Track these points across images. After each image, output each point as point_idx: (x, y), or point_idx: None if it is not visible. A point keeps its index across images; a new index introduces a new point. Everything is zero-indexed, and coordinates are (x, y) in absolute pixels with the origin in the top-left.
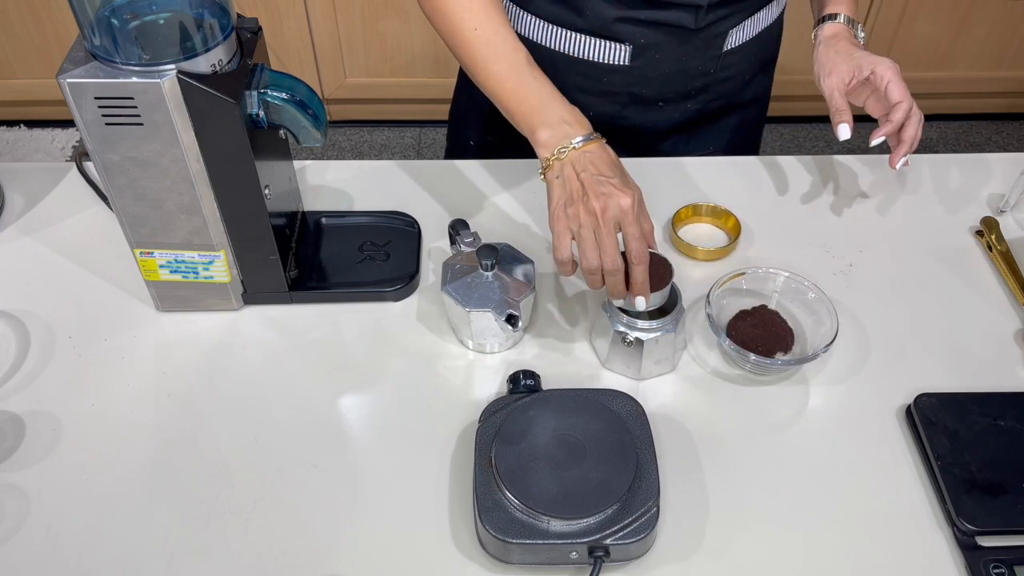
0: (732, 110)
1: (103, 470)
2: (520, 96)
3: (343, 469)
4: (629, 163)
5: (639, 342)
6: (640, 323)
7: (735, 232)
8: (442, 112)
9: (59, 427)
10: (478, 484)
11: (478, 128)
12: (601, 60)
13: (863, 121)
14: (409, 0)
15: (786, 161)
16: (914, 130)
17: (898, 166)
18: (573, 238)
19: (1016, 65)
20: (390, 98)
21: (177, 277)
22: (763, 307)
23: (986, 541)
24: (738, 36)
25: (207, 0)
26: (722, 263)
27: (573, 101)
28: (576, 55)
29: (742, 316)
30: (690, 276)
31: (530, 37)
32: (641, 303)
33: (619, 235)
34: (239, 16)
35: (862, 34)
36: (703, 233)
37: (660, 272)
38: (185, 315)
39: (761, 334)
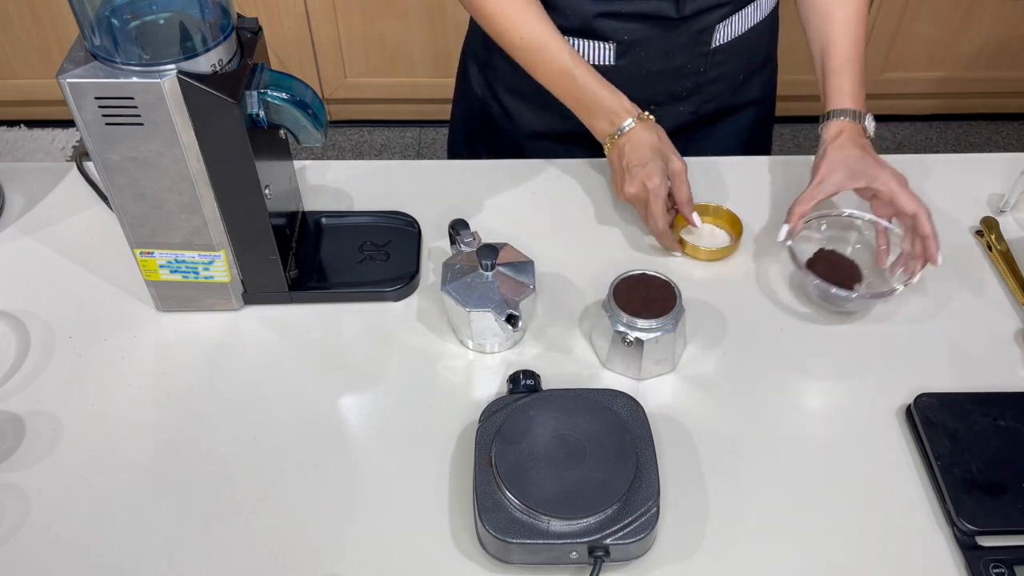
0: (728, 113)
1: (103, 470)
2: (572, 96)
3: (343, 469)
4: None
5: (639, 342)
6: (640, 323)
7: (737, 232)
8: (442, 112)
9: (59, 427)
10: (478, 484)
11: (473, 147)
12: (592, 62)
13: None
14: (409, 0)
15: (786, 161)
16: (932, 225)
17: (940, 262)
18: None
19: (1016, 65)
20: (390, 98)
21: (177, 277)
22: (830, 251)
23: (986, 541)
24: (726, 32)
25: (207, 0)
26: (725, 263)
27: (561, 113)
28: None
29: (814, 259)
30: (691, 276)
31: None
32: (696, 219)
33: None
34: (239, 16)
35: (871, 123)
36: (705, 233)
37: (665, 295)
38: (185, 315)
39: (834, 274)
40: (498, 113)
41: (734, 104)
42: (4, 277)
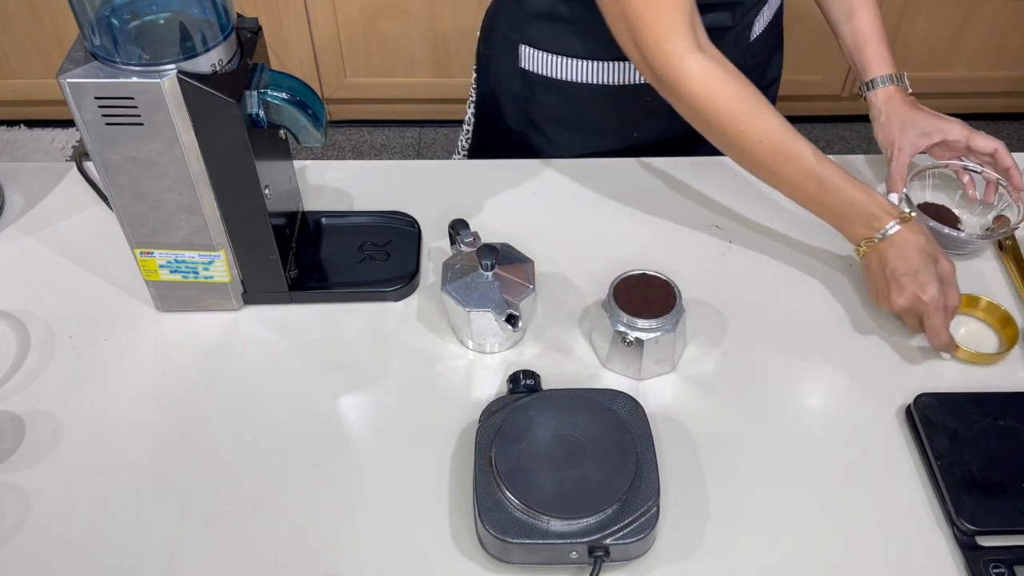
0: None
1: (103, 470)
2: (823, 203)
3: (343, 469)
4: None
5: (639, 342)
6: (640, 323)
7: (1011, 339)
8: (442, 112)
9: (59, 427)
10: (478, 484)
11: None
12: (641, 81)
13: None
14: (409, 0)
15: None
16: (1011, 157)
17: None
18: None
19: (1016, 65)
20: (390, 98)
21: (177, 277)
22: (928, 203)
23: (986, 541)
24: (760, 24)
25: (207, 0)
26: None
27: (619, 127)
28: (619, 82)
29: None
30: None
31: (557, 76)
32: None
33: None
34: (239, 16)
35: (907, 82)
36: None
37: (665, 295)
38: (185, 315)
39: (940, 220)
40: (541, 142)
41: (761, 87)
42: (4, 277)
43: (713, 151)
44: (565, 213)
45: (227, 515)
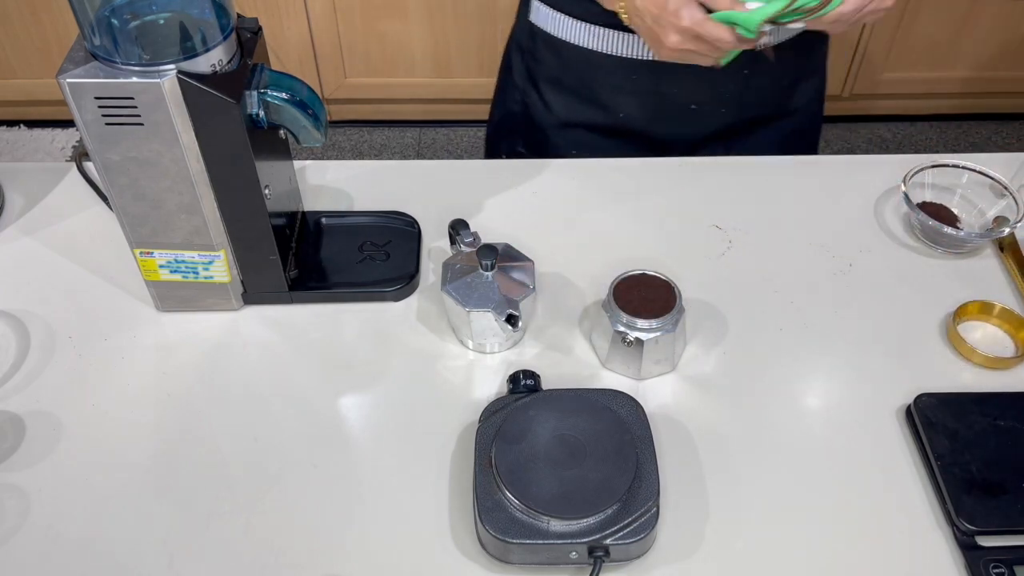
0: (771, 120)
1: (103, 470)
2: None
3: (343, 469)
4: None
5: (639, 342)
6: (640, 323)
7: None
8: (442, 112)
9: (59, 427)
10: (478, 484)
11: (510, 140)
12: (630, 55)
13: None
14: (409, 0)
15: (784, 161)
16: None
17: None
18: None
19: (1016, 65)
20: (390, 98)
21: (177, 277)
22: (930, 203)
23: (986, 541)
24: (773, 33)
25: (207, 0)
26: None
27: (604, 101)
28: (604, 51)
29: (922, 204)
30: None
31: (563, 37)
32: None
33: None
34: (239, 16)
35: None
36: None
37: (665, 295)
38: (185, 315)
39: (939, 218)
40: (536, 102)
41: (778, 111)
42: (4, 277)
43: (707, 152)
44: (565, 213)
45: (227, 515)
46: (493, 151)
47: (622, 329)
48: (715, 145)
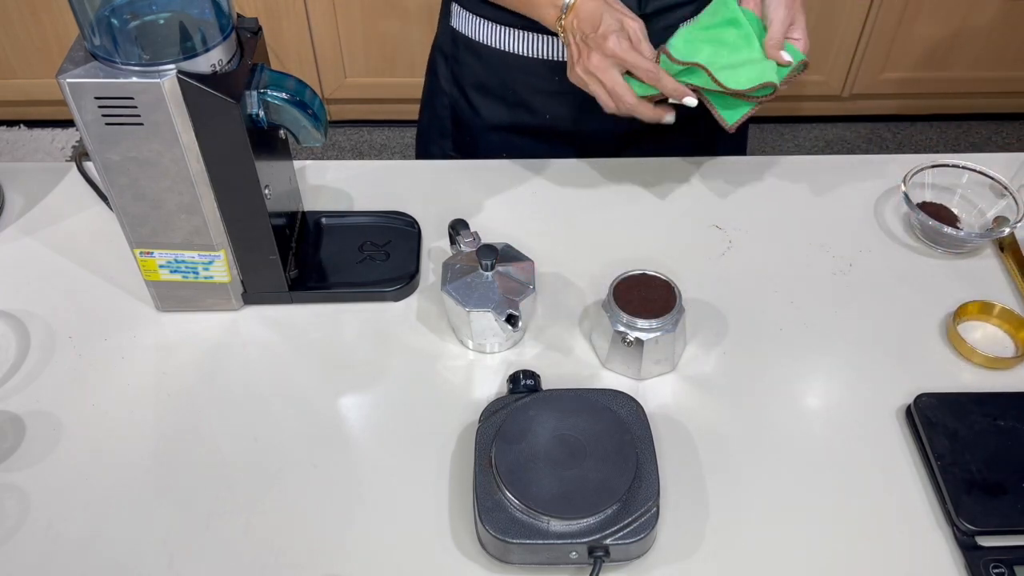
0: (700, 117)
1: (103, 470)
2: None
3: (343, 469)
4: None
5: (639, 342)
6: (640, 323)
7: None
8: None
9: (59, 427)
10: (478, 484)
11: (440, 144)
12: (550, 57)
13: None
14: (409, 0)
15: (784, 161)
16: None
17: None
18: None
19: (1016, 65)
20: (390, 98)
21: (177, 277)
22: (930, 203)
23: (986, 541)
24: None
25: (207, 0)
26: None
27: (529, 104)
28: (526, 54)
29: (922, 204)
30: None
31: (480, 40)
32: (690, 101)
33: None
34: (239, 16)
35: None
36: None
37: (665, 295)
38: (185, 315)
39: (939, 218)
40: (464, 107)
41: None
42: (4, 277)
43: (638, 147)
44: (565, 213)
45: (227, 515)
46: (423, 153)
47: (622, 329)
48: (646, 140)
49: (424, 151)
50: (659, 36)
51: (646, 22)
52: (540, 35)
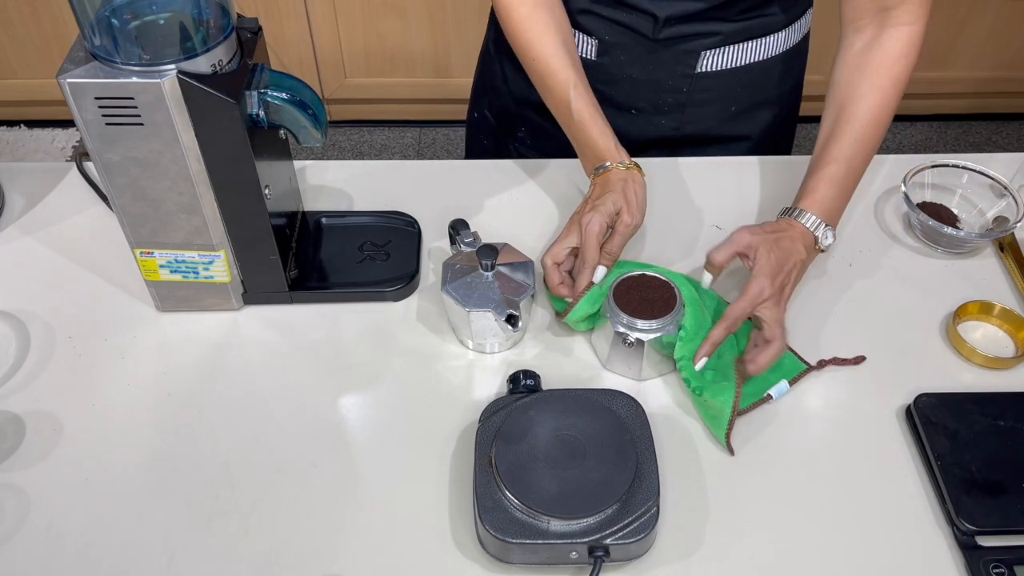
0: (717, 141)
1: (103, 470)
2: (568, 128)
3: (343, 469)
4: None
5: (640, 343)
6: (640, 323)
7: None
8: (442, 112)
9: (59, 427)
10: (478, 484)
11: (482, 104)
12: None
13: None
14: (409, 0)
15: (784, 161)
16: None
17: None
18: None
19: (1016, 65)
20: (390, 98)
21: (177, 277)
22: (930, 203)
23: (986, 541)
24: (715, 61)
25: (207, 0)
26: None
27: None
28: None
29: (922, 204)
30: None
31: None
32: (600, 272)
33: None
34: (239, 16)
35: (828, 240)
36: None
37: (665, 295)
38: (185, 315)
39: (938, 218)
40: (498, 71)
41: (724, 134)
42: (4, 277)
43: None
44: (565, 213)
45: (227, 515)
46: (471, 111)
47: (622, 330)
48: (656, 154)
49: (472, 109)
50: (679, 58)
51: (659, 48)
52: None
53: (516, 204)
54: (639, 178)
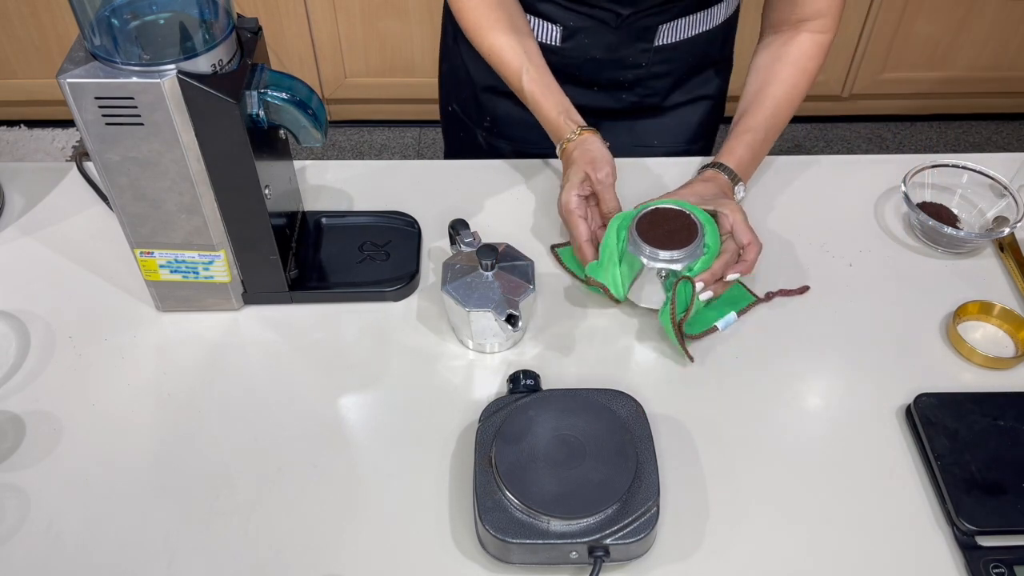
0: (674, 107)
1: (103, 470)
2: (535, 114)
3: (343, 469)
4: None
5: (673, 274)
6: (676, 255)
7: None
8: None
9: (59, 427)
10: (478, 484)
11: (447, 97)
12: (537, 38)
13: (854, 121)
14: (409, 0)
15: (784, 161)
16: (755, 256)
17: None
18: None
19: (1016, 65)
20: (390, 98)
21: (177, 277)
22: (930, 203)
23: (986, 541)
24: (670, 33)
25: (207, 0)
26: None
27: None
28: None
29: (921, 204)
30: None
31: None
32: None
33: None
34: (239, 16)
35: (740, 192)
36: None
37: (687, 224)
38: (185, 315)
39: (938, 218)
40: (460, 65)
41: (680, 99)
42: (4, 277)
43: (650, 140)
44: None
45: (227, 515)
46: (443, 107)
47: (660, 266)
48: (619, 123)
49: (443, 103)
50: (639, 35)
51: (626, 21)
52: (528, 16)
53: (516, 204)
54: (591, 137)
